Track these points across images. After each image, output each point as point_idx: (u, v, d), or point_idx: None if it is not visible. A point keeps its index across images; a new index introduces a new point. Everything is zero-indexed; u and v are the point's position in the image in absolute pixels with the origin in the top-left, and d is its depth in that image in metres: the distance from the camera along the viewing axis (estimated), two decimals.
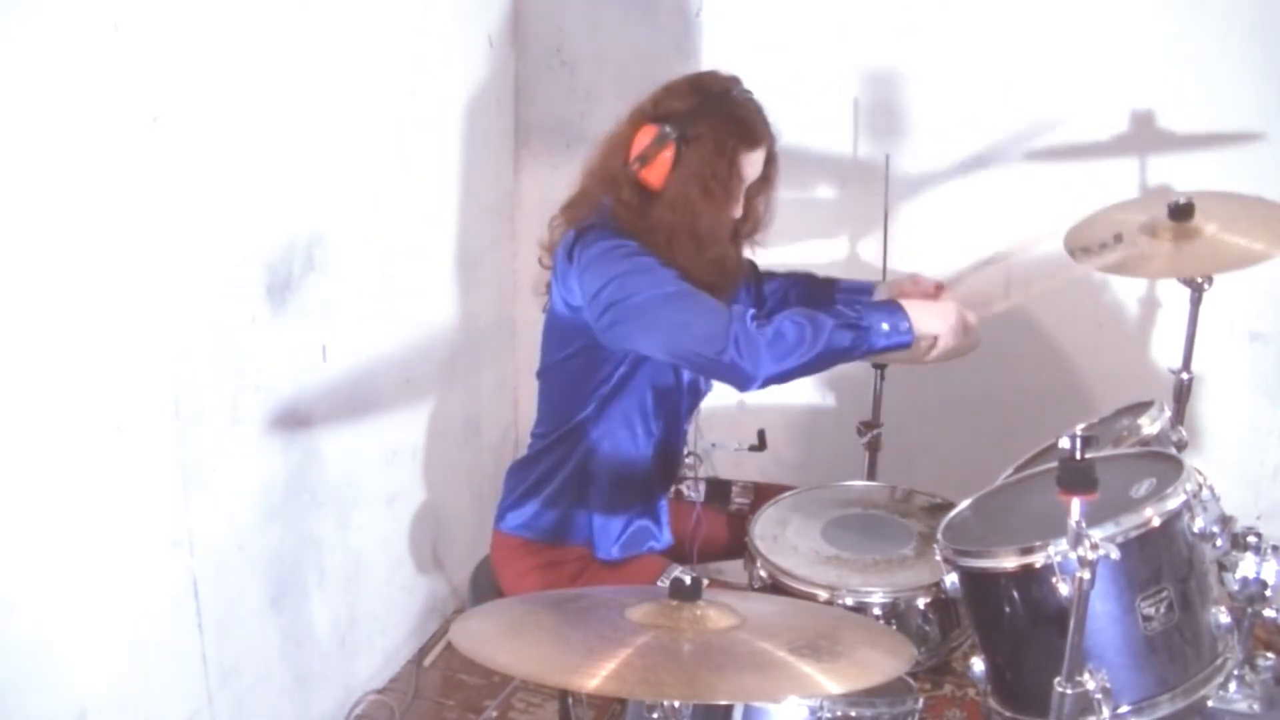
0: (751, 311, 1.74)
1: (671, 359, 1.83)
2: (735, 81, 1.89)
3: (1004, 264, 2.59)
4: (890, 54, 2.59)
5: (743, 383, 1.73)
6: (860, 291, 2.15)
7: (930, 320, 1.79)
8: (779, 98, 2.66)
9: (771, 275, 2.22)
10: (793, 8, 2.64)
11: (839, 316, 1.74)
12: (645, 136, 1.83)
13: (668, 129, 1.81)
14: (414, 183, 2.54)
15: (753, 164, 1.87)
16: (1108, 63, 2.45)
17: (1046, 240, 2.11)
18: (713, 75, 1.91)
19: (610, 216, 1.85)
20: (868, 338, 1.74)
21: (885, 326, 1.75)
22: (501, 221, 2.90)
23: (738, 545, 2.07)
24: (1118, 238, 2.05)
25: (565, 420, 1.96)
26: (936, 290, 2.10)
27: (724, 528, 2.17)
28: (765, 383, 1.72)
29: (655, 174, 1.82)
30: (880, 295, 2.11)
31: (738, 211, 1.89)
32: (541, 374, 2.02)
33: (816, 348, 1.71)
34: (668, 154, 1.81)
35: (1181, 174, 2.43)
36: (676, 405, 2.00)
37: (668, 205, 1.83)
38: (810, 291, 2.18)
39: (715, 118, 1.82)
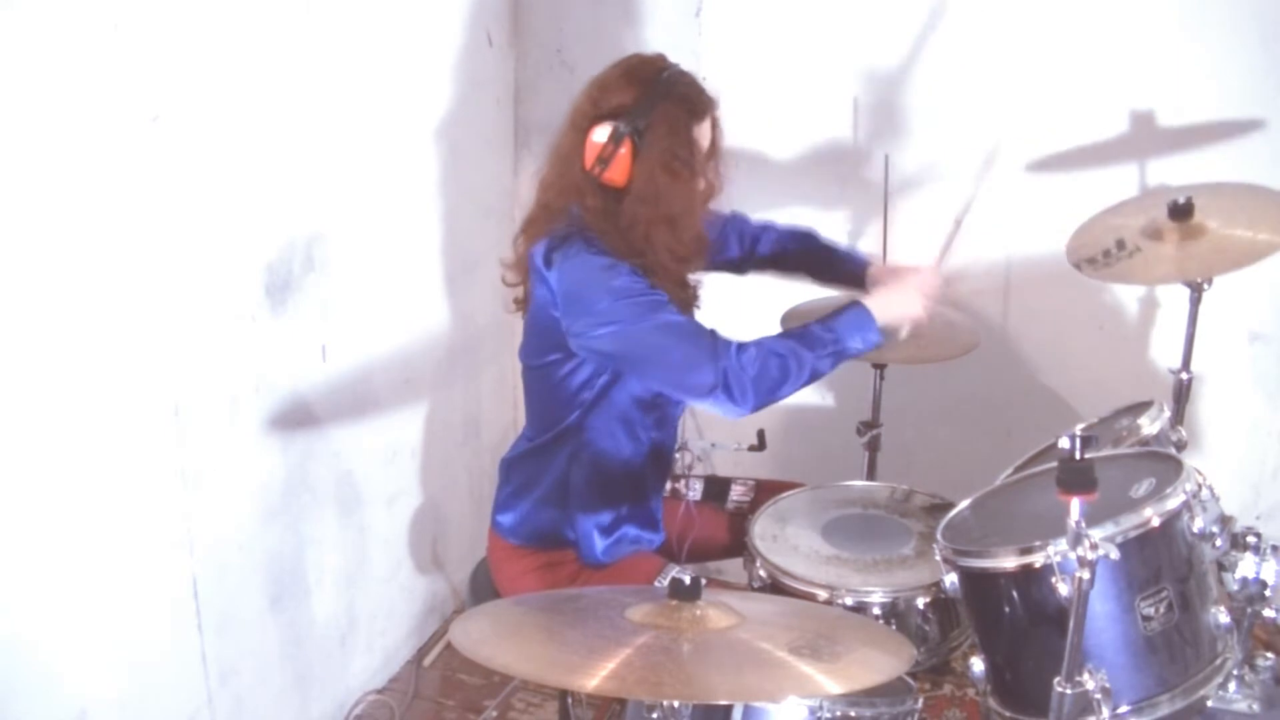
0: (736, 344, 1.74)
1: (657, 387, 1.83)
2: (663, 59, 1.89)
3: (1004, 263, 2.61)
4: (890, 54, 2.59)
5: (728, 413, 1.76)
6: (854, 264, 2.21)
7: (893, 311, 1.86)
8: (779, 98, 2.68)
9: (767, 229, 2.26)
10: (793, 8, 2.64)
11: (819, 345, 1.78)
12: (598, 138, 1.82)
13: (620, 126, 1.80)
14: (414, 183, 2.54)
15: (704, 135, 1.87)
16: (1107, 62, 2.45)
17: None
18: (640, 60, 1.89)
19: (583, 225, 1.84)
20: (844, 355, 1.81)
21: (858, 342, 1.81)
22: (501, 222, 2.90)
23: (738, 544, 2.07)
24: (1120, 244, 2.05)
25: (551, 425, 1.96)
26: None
27: (723, 526, 2.16)
28: (751, 411, 1.76)
29: (618, 172, 1.82)
30: (873, 274, 2.19)
31: (702, 184, 1.90)
32: (524, 374, 2.02)
33: (801, 379, 1.77)
34: (625, 150, 1.80)
35: (1181, 172, 2.43)
36: (665, 410, 2.00)
37: (637, 199, 1.82)
38: (806, 255, 2.26)
39: (661, 102, 1.82)
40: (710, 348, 1.72)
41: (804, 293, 2.60)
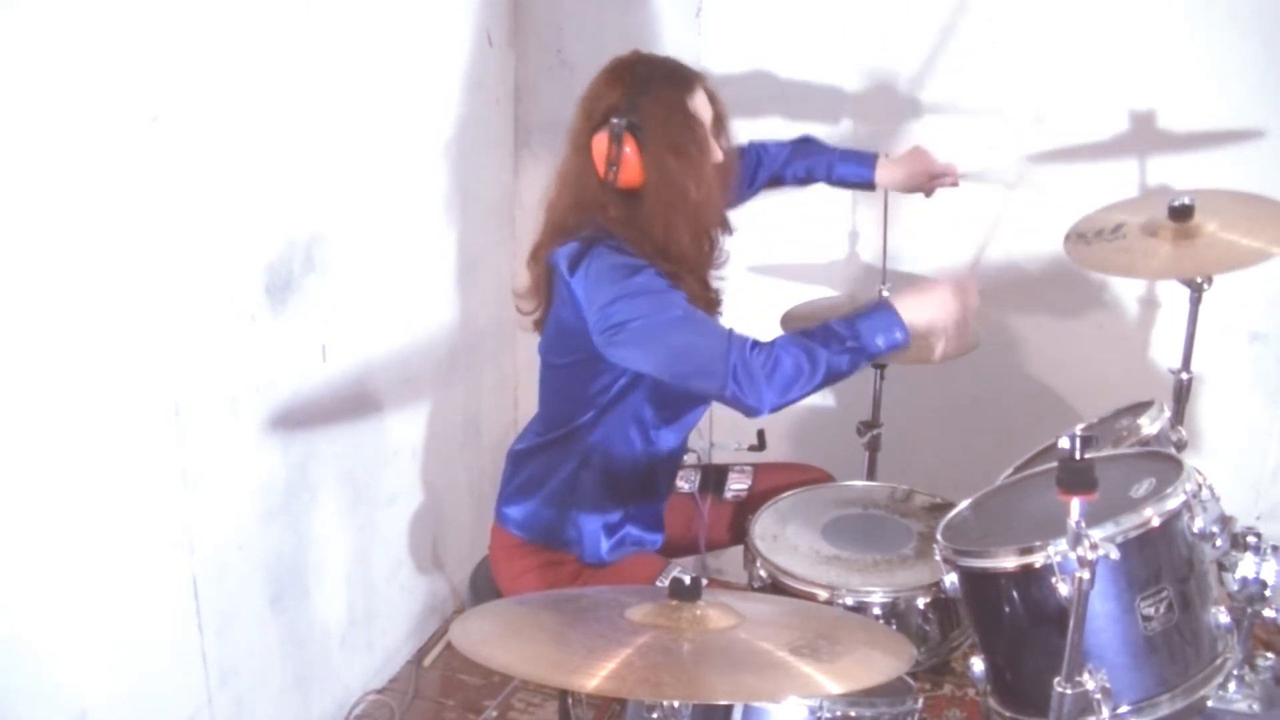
0: (751, 340, 1.70)
1: (673, 383, 1.82)
2: (637, 52, 1.89)
3: (1004, 263, 2.61)
4: (890, 54, 2.59)
5: (746, 413, 1.71)
6: (861, 163, 2.23)
7: (924, 313, 1.73)
8: (779, 98, 2.68)
9: (761, 160, 2.27)
10: (793, 8, 2.64)
11: (834, 341, 1.69)
12: (602, 144, 1.81)
13: (615, 124, 1.79)
14: (414, 183, 2.54)
15: (700, 105, 1.86)
16: (1108, 62, 2.45)
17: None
18: (616, 61, 1.88)
19: (608, 233, 1.82)
20: (865, 354, 1.71)
21: (880, 341, 1.70)
22: (501, 222, 2.90)
23: (737, 534, 2.07)
24: (1115, 229, 2.05)
25: (564, 423, 1.96)
26: (951, 176, 2.24)
27: (723, 518, 2.17)
28: (770, 412, 1.70)
29: (631, 169, 1.81)
30: (883, 168, 2.25)
31: (717, 155, 1.87)
32: (542, 370, 2.01)
33: (816, 378, 1.69)
34: (630, 148, 1.79)
35: (1182, 174, 2.43)
36: (679, 411, 2.00)
37: (655, 194, 1.81)
38: (810, 168, 2.27)
39: (648, 85, 1.82)
40: (724, 343, 1.69)
41: (804, 294, 2.60)
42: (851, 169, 2.30)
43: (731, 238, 2.01)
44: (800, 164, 2.32)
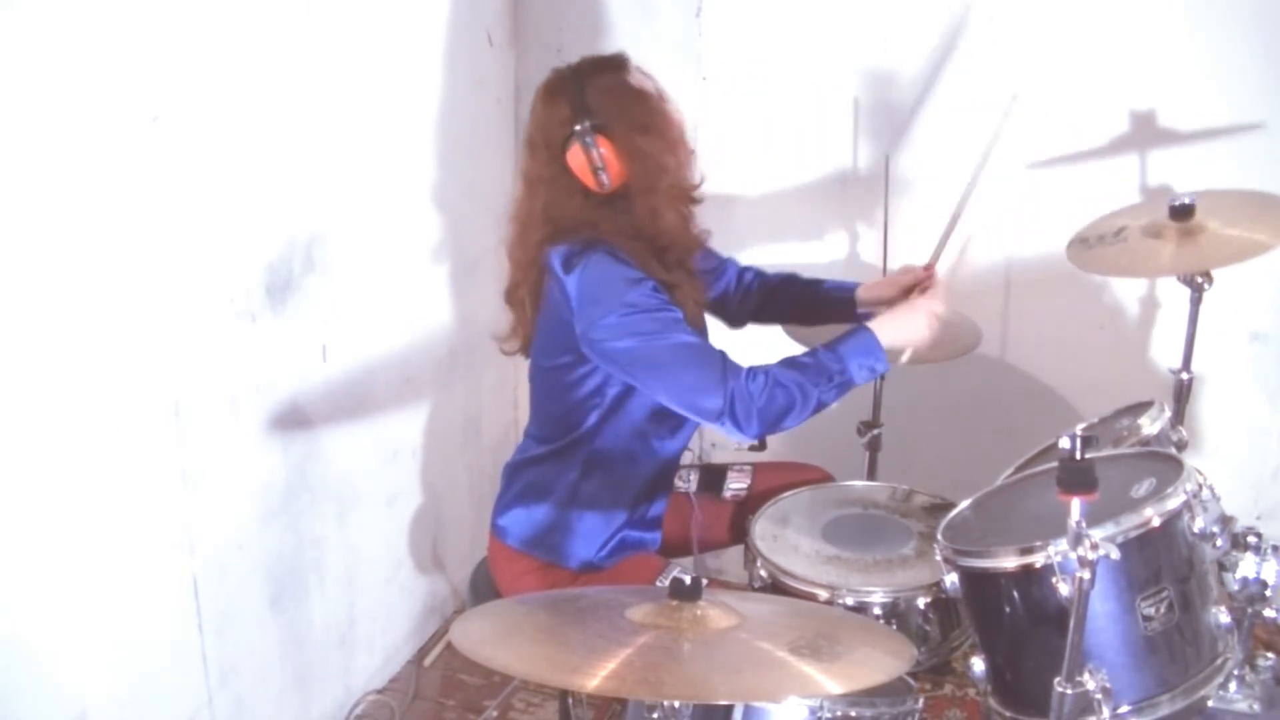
0: (746, 371, 1.74)
1: (664, 404, 1.82)
2: (553, 70, 1.88)
3: (1004, 263, 2.61)
4: (890, 54, 2.59)
5: (733, 437, 1.77)
6: (842, 291, 2.21)
7: (898, 334, 1.85)
8: (779, 98, 2.68)
9: (758, 270, 2.26)
10: (793, 8, 2.64)
11: (824, 377, 1.78)
12: (579, 157, 1.79)
13: (580, 129, 1.78)
14: (414, 183, 2.54)
15: (639, 79, 1.86)
16: (1109, 62, 2.45)
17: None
18: (541, 85, 1.88)
19: (603, 240, 1.81)
20: (850, 384, 1.81)
21: (865, 373, 1.81)
22: (501, 222, 2.89)
23: (737, 534, 2.07)
24: (1117, 232, 2.06)
25: (562, 432, 1.95)
26: (927, 273, 2.14)
27: (722, 518, 2.17)
28: (756, 438, 1.78)
29: (614, 168, 1.80)
30: (865, 294, 2.18)
31: (676, 115, 1.87)
32: (533, 373, 2.01)
33: (805, 413, 1.78)
34: (604, 145, 1.78)
35: (1182, 172, 2.43)
36: (684, 420, 1.98)
37: (638, 177, 1.81)
38: (795, 292, 2.23)
39: (585, 85, 1.81)
40: (720, 374, 1.72)
41: None
42: (838, 287, 2.27)
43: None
44: (792, 285, 2.27)
